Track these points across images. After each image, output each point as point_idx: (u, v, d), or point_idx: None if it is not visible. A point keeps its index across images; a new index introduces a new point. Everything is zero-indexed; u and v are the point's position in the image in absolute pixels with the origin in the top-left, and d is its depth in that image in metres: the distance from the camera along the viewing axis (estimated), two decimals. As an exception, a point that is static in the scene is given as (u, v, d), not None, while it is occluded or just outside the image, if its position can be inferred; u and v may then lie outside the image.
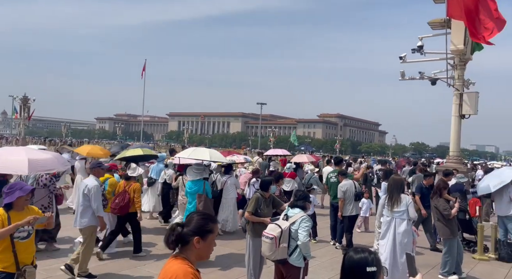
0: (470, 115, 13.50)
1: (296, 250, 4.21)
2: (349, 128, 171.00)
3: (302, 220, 4.22)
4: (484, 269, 7.15)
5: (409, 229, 5.72)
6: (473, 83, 14.66)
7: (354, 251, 1.96)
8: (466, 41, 12.13)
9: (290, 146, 72.53)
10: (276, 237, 4.16)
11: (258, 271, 5.31)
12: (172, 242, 2.15)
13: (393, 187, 5.86)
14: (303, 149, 44.92)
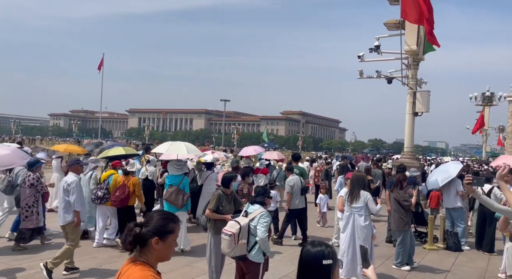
0: (423, 112, 14.24)
1: (255, 246, 4.22)
2: (311, 125, 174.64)
3: (261, 215, 4.23)
4: (433, 258, 7.58)
5: (368, 224, 5.91)
6: (425, 82, 15.48)
7: (311, 245, 1.99)
8: (419, 42, 12.76)
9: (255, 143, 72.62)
10: (234, 234, 4.15)
11: (220, 268, 5.29)
12: (130, 243, 2.01)
13: (355, 183, 5.98)
14: (266, 145, 45.20)
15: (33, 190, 6.72)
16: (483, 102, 34.14)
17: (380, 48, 13.81)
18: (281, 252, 7.47)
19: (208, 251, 5.31)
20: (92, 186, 7.75)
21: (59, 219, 5.83)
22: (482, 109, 35.11)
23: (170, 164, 7.60)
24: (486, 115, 34.66)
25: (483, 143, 43.34)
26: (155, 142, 76.58)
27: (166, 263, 6.40)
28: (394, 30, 13.42)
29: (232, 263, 5.32)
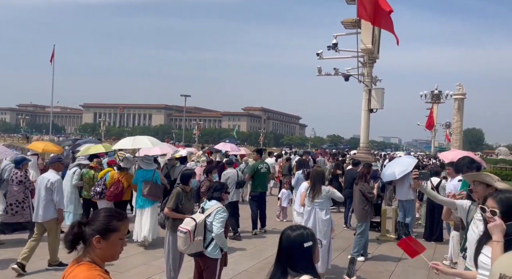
0: (377, 109, 14.83)
1: (212, 242, 4.18)
2: (272, 121, 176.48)
3: (217, 211, 4.19)
4: (386, 248, 7.94)
5: (329, 217, 6.09)
6: (380, 80, 16.12)
7: (290, 229, 2.02)
8: (374, 41, 13.23)
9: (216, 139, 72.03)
10: (190, 231, 4.10)
11: (178, 266, 5.21)
12: (70, 241, 1.90)
13: (315, 179, 6.07)
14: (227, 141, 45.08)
15: (22, 187, 7.05)
16: (432, 100, 36.25)
17: (338, 46, 14.18)
18: (240, 247, 7.48)
19: (166, 249, 5.21)
20: (74, 182, 7.98)
21: (37, 216, 5.88)
22: (431, 106, 37.30)
23: (140, 159, 7.80)
24: (434, 112, 36.85)
25: (432, 138, 46.10)
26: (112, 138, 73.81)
27: (123, 262, 6.31)
28: (350, 28, 13.81)
29: (191, 260, 5.25)
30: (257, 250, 7.38)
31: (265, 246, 7.65)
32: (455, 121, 33.33)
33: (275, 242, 7.47)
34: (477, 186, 3.31)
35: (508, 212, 2.33)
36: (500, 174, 27.55)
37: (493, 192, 2.42)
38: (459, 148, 32.03)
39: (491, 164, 32.79)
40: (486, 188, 3.29)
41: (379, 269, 6.51)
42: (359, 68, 14.78)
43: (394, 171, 8.74)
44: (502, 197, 2.39)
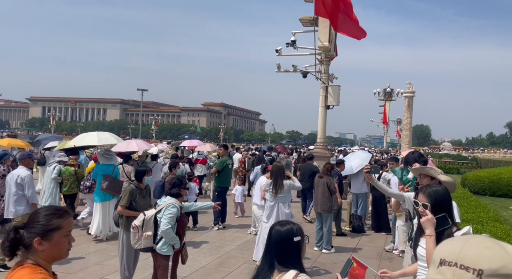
0: (334, 106, 15.26)
1: (163, 238, 4.11)
2: (233, 117, 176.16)
3: (166, 207, 4.11)
4: (341, 240, 8.23)
5: (290, 211, 6.24)
6: (336, 77, 16.60)
7: (280, 225, 2.05)
8: (331, 39, 13.57)
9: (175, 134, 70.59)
10: (138, 226, 4.06)
11: (133, 265, 5.06)
12: (9, 249, 1.73)
13: (277, 174, 6.15)
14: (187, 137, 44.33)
15: (4, 181, 6.91)
16: (384, 97, 37.98)
17: (296, 44, 14.40)
18: (199, 243, 7.41)
19: (120, 248, 5.05)
20: (53, 176, 8.06)
21: (8, 212, 5.88)
22: (384, 104, 39.08)
23: (99, 154, 7.96)
24: (387, 109, 38.66)
25: (384, 134, 48.38)
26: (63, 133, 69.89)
27: (74, 263, 6.04)
28: (308, 26, 14.04)
29: (148, 258, 5.13)
30: (216, 245, 7.34)
31: (224, 242, 7.63)
32: (405, 118, 35.14)
33: (235, 238, 7.59)
34: (422, 178, 3.52)
35: (437, 205, 2.45)
36: (444, 167, 29.54)
37: (422, 187, 2.53)
38: (409, 143, 33.88)
39: (437, 158, 35.03)
40: (431, 181, 3.50)
41: (334, 260, 6.73)
42: (316, 65, 15.11)
43: (351, 165, 9.06)
44: (430, 190, 2.49)
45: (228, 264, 6.28)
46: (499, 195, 15.42)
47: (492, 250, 0.78)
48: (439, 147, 60.05)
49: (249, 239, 7.81)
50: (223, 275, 5.74)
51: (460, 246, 0.81)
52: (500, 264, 0.75)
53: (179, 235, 4.30)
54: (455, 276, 0.78)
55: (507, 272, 0.74)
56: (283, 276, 1.92)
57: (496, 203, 13.12)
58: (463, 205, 7.58)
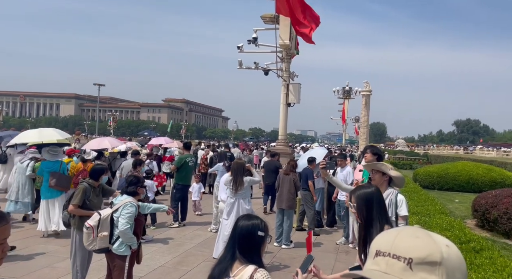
0: (295, 103, 15.50)
1: (119, 239, 3.97)
2: (195, 114, 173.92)
3: (124, 206, 3.98)
4: (299, 235, 8.39)
5: (251, 207, 6.27)
6: (297, 75, 16.85)
7: (247, 218, 2.12)
8: (291, 37, 13.74)
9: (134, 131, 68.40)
10: (92, 226, 3.88)
11: (86, 266, 4.85)
12: None
13: (237, 171, 6.18)
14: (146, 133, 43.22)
15: None
16: (343, 95, 39.17)
17: (258, 41, 14.42)
18: (157, 241, 7.25)
19: (72, 249, 4.82)
20: (28, 173, 8.15)
21: None
22: (343, 102, 40.32)
23: (44, 150, 7.89)
24: (346, 107, 39.92)
25: (343, 131, 49.93)
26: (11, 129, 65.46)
27: (22, 266, 5.71)
28: (270, 24, 14.11)
29: (102, 259, 4.94)
30: (175, 244, 7.23)
31: (183, 240, 7.53)
32: (362, 115, 36.48)
33: (195, 236, 7.51)
34: (374, 174, 3.66)
35: (366, 204, 2.48)
36: (398, 163, 31.05)
37: (354, 189, 2.58)
38: (366, 140, 35.25)
39: (391, 155, 36.74)
40: (382, 176, 3.66)
41: (292, 255, 6.86)
42: (278, 63, 15.24)
43: (305, 162, 9.27)
44: (360, 192, 2.54)
45: (187, 262, 6.20)
46: (446, 188, 16.47)
47: (421, 239, 0.82)
48: (394, 144, 63.03)
49: (209, 237, 7.77)
50: (181, 274, 5.66)
51: (393, 237, 0.84)
52: (428, 252, 0.79)
53: (136, 235, 4.18)
54: (388, 265, 0.81)
55: (434, 260, 0.79)
56: (242, 270, 1.97)
57: (443, 197, 14.00)
58: (414, 198, 8.00)
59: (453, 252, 0.82)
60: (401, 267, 0.80)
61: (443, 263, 0.79)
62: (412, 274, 0.79)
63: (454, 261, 0.80)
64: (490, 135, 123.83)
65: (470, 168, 16.76)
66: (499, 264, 3.61)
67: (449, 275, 0.78)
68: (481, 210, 8.95)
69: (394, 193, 3.60)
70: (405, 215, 3.51)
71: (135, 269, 4.56)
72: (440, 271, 0.78)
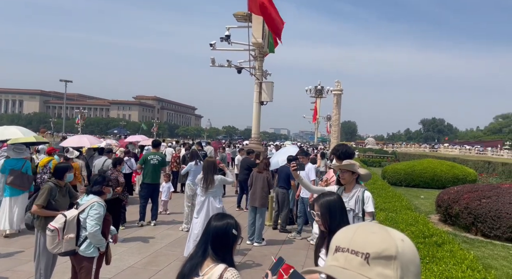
0: (267, 102, 15.59)
1: (86, 240, 3.85)
2: (167, 111, 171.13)
3: (91, 207, 3.86)
4: (272, 233, 8.48)
5: (222, 206, 6.23)
6: (270, 74, 16.96)
7: (220, 217, 2.15)
8: (264, 36, 13.79)
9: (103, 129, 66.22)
10: (58, 229, 3.73)
11: (50, 269, 4.67)
12: None
13: (207, 169, 6.15)
14: (116, 131, 42.11)
15: None
16: (315, 94, 39.77)
17: (231, 38, 14.37)
18: (126, 241, 7.09)
19: (36, 251, 4.64)
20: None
21: None
22: (315, 100, 40.94)
23: (9, 148, 7.82)
24: (317, 106, 40.54)
25: (315, 129, 50.71)
26: (-30, 127, 61.86)
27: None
28: (242, 22, 14.09)
29: (67, 261, 4.78)
30: (145, 244, 7.09)
31: (154, 240, 7.40)
32: (334, 114, 37.18)
33: (165, 235, 7.41)
34: (343, 173, 3.75)
35: (330, 212, 2.47)
36: (368, 161, 31.91)
37: (317, 197, 2.58)
38: (338, 139, 35.96)
39: (362, 153, 37.68)
40: (352, 174, 3.75)
41: (264, 253, 6.90)
42: (251, 61, 15.26)
43: (278, 160, 9.35)
44: (323, 201, 2.52)
45: (157, 262, 6.10)
46: (413, 185, 17.10)
47: (377, 234, 0.85)
48: (364, 142, 64.63)
49: (180, 236, 7.68)
50: (151, 274, 5.57)
51: (351, 233, 0.87)
52: (384, 247, 0.82)
53: (104, 235, 4.07)
54: (347, 261, 0.83)
55: (389, 254, 0.82)
56: (213, 269, 1.97)
57: (410, 193, 14.53)
58: (382, 195, 8.23)
59: (408, 246, 0.85)
60: (359, 262, 0.82)
61: (398, 257, 0.81)
62: (369, 268, 0.81)
63: (408, 254, 0.83)
64: (453, 133, 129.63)
65: (434, 165, 17.47)
66: (459, 256, 3.78)
67: (403, 268, 0.81)
68: (444, 206, 9.36)
69: (361, 190, 3.70)
70: (371, 211, 3.61)
71: (102, 271, 4.44)
72: (395, 265, 0.81)
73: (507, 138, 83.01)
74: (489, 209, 7.87)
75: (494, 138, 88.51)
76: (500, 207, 7.77)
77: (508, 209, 7.64)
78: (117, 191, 7.45)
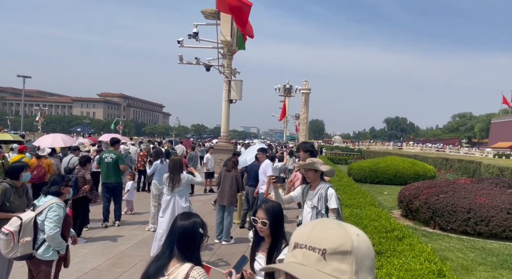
0: (237, 100, 15.57)
1: (44, 243, 3.68)
2: (133, 109, 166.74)
3: (49, 208, 3.69)
4: (240, 231, 8.49)
5: (188, 205, 6.15)
6: (239, 72, 16.92)
7: (187, 216, 2.12)
8: (233, 34, 13.74)
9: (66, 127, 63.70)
10: (12, 232, 3.54)
11: (6, 275, 4.43)
12: None
13: (173, 168, 6.06)
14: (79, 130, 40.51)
15: None
16: (284, 93, 40.17)
17: (199, 36, 14.19)
18: (89, 243, 6.85)
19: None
20: None
21: None
22: (284, 99, 41.32)
23: None
24: (286, 104, 40.96)
25: (284, 128, 51.23)
26: None
27: None
28: (211, 19, 13.95)
29: (23, 265, 4.55)
30: (110, 245, 6.88)
31: (119, 241, 7.19)
32: (302, 113, 37.77)
33: (131, 236, 7.22)
34: (307, 172, 3.83)
35: (275, 220, 2.47)
36: (335, 158, 32.68)
37: (260, 204, 2.59)
38: (306, 137, 36.55)
39: (329, 150, 38.53)
40: (315, 172, 3.83)
41: (232, 251, 6.90)
42: (219, 59, 15.15)
43: (246, 158, 9.39)
44: (268, 207, 2.48)
45: (122, 263, 5.94)
46: (377, 182, 17.71)
47: (334, 230, 0.87)
48: (331, 140, 66.14)
49: (147, 236, 7.52)
50: (115, 276, 5.41)
51: (309, 230, 0.88)
52: (340, 242, 0.84)
53: (64, 237, 3.91)
54: (305, 257, 0.85)
55: (345, 249, 0.84)
56: (178, 269, 1.96)
57: (374, 189, 15.03)
58: (347, 192, 8.46)
59: (363, 240, 0.88)
60: (316, 258, 0.83)
61: (353, 252, 0.84)
62: (326, 264, 0.83)
63: (363, 249, 0.86)
64: (415, 132, 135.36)
65: (397, 162, 18.17)
66: (417, 249, 3.96)
67: (358, 263, 0.84)
68: (405, 201, 9.76)
69: (325, 187, 3.78)
70: (335, 207, 3.70)
71: (64, 274, 4.28)
72: (350, 260, 0.83)
73: (464, 136, 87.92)
74: (446, 203, 8.30)
75: (451, 137, 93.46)
76: (456, 201, 8.20)
77: (463, 204, 8.08)
78: (84, 190, 7.19)
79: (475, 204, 7.98)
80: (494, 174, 16.28)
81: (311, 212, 3.78)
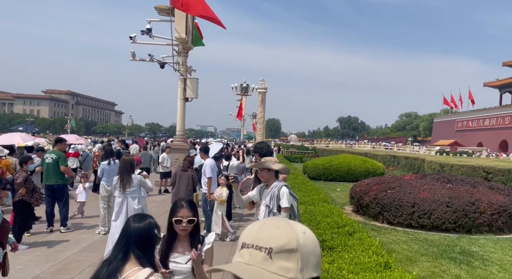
0: (192, 98, 15.30)
1: None
2: (83, 107, 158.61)
3: None
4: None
5: (142, 206, 5.97)
6: (194, 70, 16.66)
7: (141, 217, 2.07)
8: (188, 31, 13.49)
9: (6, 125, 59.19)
10: None
11: None
12: None
13: (123, 168, 5.87)
14: (21, 129, 37.75)
15: None
16: (241, 92, 40.21)
17: (152, 32, 13.75)
18: (32, 249, 6.40)
19: None
20: None
21: None
22: (241, 98, 41.36)
23: None
24: (243, 103, 41.04)
25: (241, 127, 51.32)
26: None
27: None
28: (164, 15, 13.56)
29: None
30: (55, 250, 6.47)
31: (65, 246, 6.79)
32: (259, 112, 38.06)
33: (79, 240, 6.88)
34: (261, 171, 3.86)
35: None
36: (291, 157, 33.32)
37: (177, 202, 2.53)
38: (263, 136, 36.89)
39: (285, 149, 39.20)
40: (269, 171, 3.86)
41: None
42: (174, 56, 14.80)
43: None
44: (189, 202, 2.53)
45: (69, 269, 5.61)
46: (331, 179, 18.31)
47: (281, 229, 0.87)
48: (287, 139, 67.37)
49: (96, 240, 7.17)
50: (61, 283, 5.11)
51: (257, 229, 0.87)
52: (286, 240, 0.84)
53: (1, 244, 3.62)
54: (251, 256, 0.84)
55: (291, 247, 0.84)
56: (136, 273, 1.88)
57: (328, 186, 15.52)
58: (302, 189, 8.65)
59: (309, 238, 0.88)
60: (262, 257, 0.83)
61: (299, 250, 0.84)
62: (272, 263, 0.82)
63: (309, 246, 0.87)
64: (366, 130, 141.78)
65: (349, 160, 18.90)
66: (366, 244, 4.14)
67: (303, 260, 0.84)
68: (356, 197, 10.18)
69: (278, 186, 3.83)
70: (286, 206, 3.75)
71: (1, 284, 3.94)
72: (296, 257, 0.83)
73: (410, 134, 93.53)
74: (393, 199, 8.77)
75: (399, 135, 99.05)
76: (402, 196, 8.70)
77: (408, 199, 8.59)
78: (20, 193, 6.70)
79: (419, 198, 8.50)
80: (436, 170, 17.46)
81: (264, 210, 3.81)
